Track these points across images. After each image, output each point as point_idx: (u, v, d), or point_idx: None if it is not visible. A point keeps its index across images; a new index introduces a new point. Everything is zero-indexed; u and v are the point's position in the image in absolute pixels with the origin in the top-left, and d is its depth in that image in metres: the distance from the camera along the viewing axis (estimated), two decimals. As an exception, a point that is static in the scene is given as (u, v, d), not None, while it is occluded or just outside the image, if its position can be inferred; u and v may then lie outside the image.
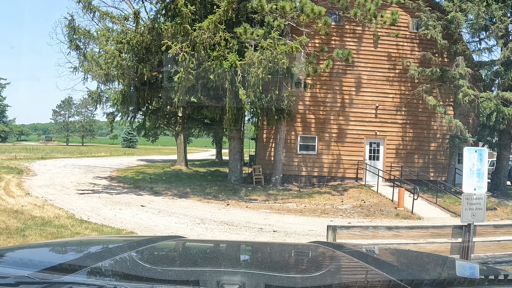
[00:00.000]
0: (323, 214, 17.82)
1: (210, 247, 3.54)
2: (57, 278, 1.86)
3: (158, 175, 31.95)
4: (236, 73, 18.90)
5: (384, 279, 2.17)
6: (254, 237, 13.04)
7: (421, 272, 2.60)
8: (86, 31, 20.84)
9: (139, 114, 25.80)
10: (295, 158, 27.18)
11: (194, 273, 2.28)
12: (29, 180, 25.41)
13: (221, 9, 18.78)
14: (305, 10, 20.16)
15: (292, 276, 2.26)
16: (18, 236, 11.47)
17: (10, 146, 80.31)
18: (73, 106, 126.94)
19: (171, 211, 17.09)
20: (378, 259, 2.98)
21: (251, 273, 2.25)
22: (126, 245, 2.87)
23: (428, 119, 27.23)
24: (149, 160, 55.27)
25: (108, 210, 16.60)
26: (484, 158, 6.26)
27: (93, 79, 23.65)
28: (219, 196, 21.59)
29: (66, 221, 14.01)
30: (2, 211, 15.10)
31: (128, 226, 13.76)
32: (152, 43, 20.00)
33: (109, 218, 14.96)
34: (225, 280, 2.02)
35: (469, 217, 6.28)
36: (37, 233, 11.95)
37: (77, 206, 17.07)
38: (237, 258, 2.98)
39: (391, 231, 6.82)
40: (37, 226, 12.93)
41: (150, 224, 14.39)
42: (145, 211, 16.90)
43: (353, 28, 26.78)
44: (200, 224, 14.61)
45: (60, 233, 12.11)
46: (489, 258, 7.20)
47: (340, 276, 2.45)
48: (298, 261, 3.03)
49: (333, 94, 27.25)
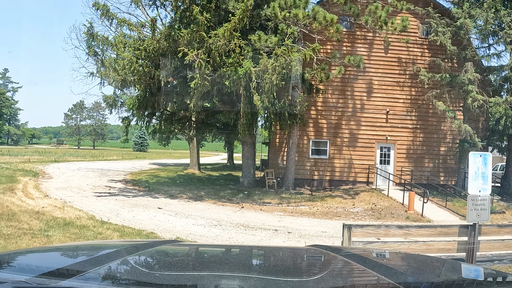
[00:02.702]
0: (335, 216, 18.20)
1: (208, 251, 3.48)
2: (54, 283, 1.87)
3: (172, 178, 32.37)
4: (250, 80, 19.31)
5: (383, 282, 2.20)
6: (270, 238, 13.42)
7: (419, 275, 2.65)
8: (105, 38, 21.37)
9: (154, 119, 26.23)
10: (307, 162, 27.59)
11: (192, 277, 2.31)
12: (46, 183, 25.84)
13: (236, 17, 19.22)
14: (317, 18, 20.55)
15: (290, 280, 2.26)
16: (42, 237, 11.80)
17: (23, 149, 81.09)
18: (84, 110, 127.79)
19: (188, 213, 17.50)
20: (377, 262, 2.99)
21: (250, 277, 2.27)
22: (124, 250, 2.91)
23: (438, 124, 27.51)
24: (161, 163, 55.64)
25: (126, 212, 17.01)
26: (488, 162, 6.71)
27: (109, 84, 24.18)
28: (233, 199, 22.00)
29: (88, 222, 14.41)
30: (24, 212, 15.45)
31: (147, 227, 14.15)
32: (168, 50, 20.39)
33: (128, 220, 15.33)
34: (224, 284, 2.09)
35: (474, 217, 6.72)
36: (60, 234, 12.30)
37: (96, 208, 17.47)
38: (235, 262, 2.94)
39: (401, 230, 7.32)
40: (59, 226, 13.30)
41: (169, 225, 14.77)
42: (162, 213, 17.29)
43: (364, 34, 27.10)
44: (217, 226, 14.99)
45: (83, 234, 12.49)
46: (494, 256, 7.64)
47: (338, 280, 2.45)
48: (296, 265, 3.00)
49: (344, 99, 27.65)
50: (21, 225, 13.13)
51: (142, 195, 22.73)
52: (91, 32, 21.22)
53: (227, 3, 20.80)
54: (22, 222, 13.60)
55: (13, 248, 10.61)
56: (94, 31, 21.44)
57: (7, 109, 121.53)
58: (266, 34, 20.93)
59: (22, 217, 14.51)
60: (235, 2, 20.58)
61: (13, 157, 51.91)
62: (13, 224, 13.23)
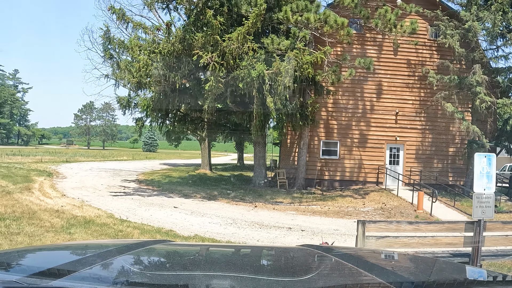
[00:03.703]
0: (346, 215, 18.60)
1: (199, 251, 3.43)
2: (45, 283, 1.86)
3: (184, 178, 32.83)
4: (264, 82, 19.71)
5: (374, 282, 2.19)
6: (284, 235, 13.82)
7: (411, 274, 2.70)
8: (121, 42, 21.84)
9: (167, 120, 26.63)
10: (317, 162, 27.94)
11: (183, 277, 2.31)
12: (61, 183, 26.34)
13: (249, 21, 19.64)
14: (328, 21, 20.90)
15: (281, 280, 2.27)
16: (65, 234, 12.28)
17: (33, 149, 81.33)
18: (94, 110, 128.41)
19: (203, 212, 17.94)
20: (368, 262, 2.99)
21: (241, 277, 2.27)
22: (116, 250, 2.89)
23: (446, 125, 27.75)
24: (171, 164, 56.04)
25: (143, 211, 17.42)
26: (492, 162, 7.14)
27: (123, 86, 24.64)
28: (246, 198, 22.48)
29: (107, 220, 14.83)
30: (44, 210, 15.88)
31: (165, 225, 14.58)
32: (183, 52, 20.81)
33: (146, 218, 15.74)
34: (215, 284, 2.08)
35: (479, 214, 7.16)
36: (82, 231, 12.77)
37: (113, 207, 17.90)
38: (226, 262, 2.92)
39: (412, 225, 7.81)
40: (80, 224, 13.73)
41: (185, 223, 15.19)
42: (178, 212, 17.73)
43: (374, 36, 27.48)
44: (232, 224, 15.44)
45: (104, 231, 12.89)
46: (499, 251, 8.11)
47: (329, 279, 2.45)
48: (288, 265, 2.99)
49: (354, 100, 28.04)
50: (42, 223, 13.52)
51: (156, 194, 23.16)
52: (107, 36, 21.71)
53: (240, 7, 21.20)
54: (44, 221, 13.98)
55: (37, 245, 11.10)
56: (111, 35, 21.92)
57: (17, 109, 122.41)
58: (277, 37, 21.34)
59: (42, 215, 14.89)
60: (248, 6, 20.99)
61: (24, 157, 52.46)
62: (35, 222, 13.62)
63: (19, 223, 13.34)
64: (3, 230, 12.23)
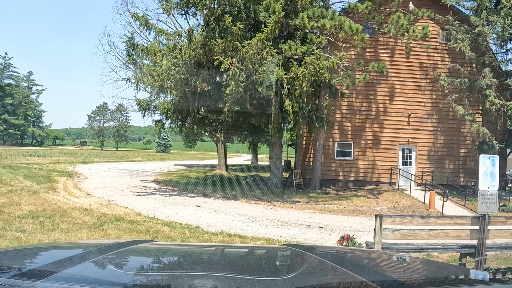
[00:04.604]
0: (361, 214, 19.37)
1: (182, 251, 3.43)
2: (27, 284, 1.84)
3: (202, 179, 33.73)
4: (282, 86, 20.54)
5: (356, 281, 2.17)
6: (304, 232, 14.60)
7: (394, 273, 2.71)
8: (144, 48, 22.67)
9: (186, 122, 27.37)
10: (332, 163, 28.65)
11: (166, 277, 2.32)
12: (83, 183, 27.22)
13: (268, 28, 20.47)
14: (343, 28, 21.59)
15: (264, 279, 2.25)
16: (98, 230, 13.10)
17: (48, 150, 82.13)
18: (107, 112, 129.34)
19: (225, 210, 18.72)
20: (350, 261, 3.02)
21: (223, 276, 2.26)
22: (98, 250, 2.87)
23: (458, 126, 28.30)
24: (186, 165, 56.69)
25: (168, 210, 18.18)
26: (495, 163, 7.96)
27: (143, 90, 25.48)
28: (264, 198, 23.27)
29: (136, 217, 15.67)
30: (73, 209, 16.65)
31: (191, 222, 15.37)
32: (203, 58, 21.64)
33: (172, 216, 16.48)
34: (197, 284, 2.07)
35: (484, 209, 7.99)
36: (114, 227, 13.57)
37: (139, 206, 18.65)
38: (209, 262, 2.91)
39: (423, 219, 8.78)
40: (111, 221, 14.53)
41: (210, 221, 15.94)
42: (202, 210, 18.54)
43: (386, 40, 28.10)
44: (254, 222, 16.23)
45: (135, 228, 13.71)
46: (503, 244, 8.97)
47: (311, 278, 2.41)
48: (270, 264, 2.99)
49: (368, 103, 28.71)
50: (75, 221, 14.32)
51: (177, 194, 23.99)
52: (131, 42, 22.55)
53: (258, 14, 21.91)
54: (75, 218, 14.78)
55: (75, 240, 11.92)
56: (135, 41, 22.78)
57: (31, 111, 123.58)
58: (294, 42, 22.03)
59: (73, 213, 15.67)
60: (265, 13, 21.71)
61: (41, 158, 53.46)
62: (67, 219, 14.44)
63: (52, 220, 14.13)
64: (38, 227, 13.01)
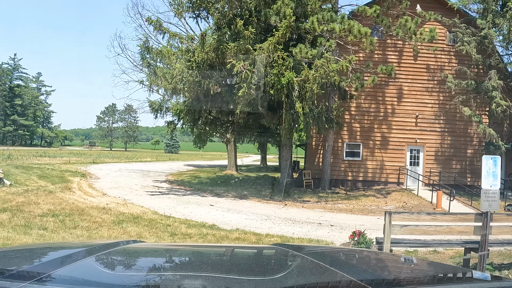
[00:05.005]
0: (370, 213, 19.86)
1: (171, 252, 3.43)
2: (16, 285, 1.83)
3: (213, 179, 34.31)
4: (293, 89, 21.01)
5: (345, 280, 2.16)
6: (316, 229, 15.09)
7: (382, 272, 2.74)
8: (159, 51, 23.19)
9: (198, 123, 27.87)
10: (341, 163, 29.11)
11: (155, 277, 2.32)
12: (96, 183, 27.75)
13: (279, 32, 20.96)
14: (352, 31, 22.05)
15: (253, 279, 2.24)
16: (118, 228, 13.63)
17: (57, 151, 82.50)
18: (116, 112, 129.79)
19: (238, 209, 19.23)
20: (339, 260, 3.02)
21: (212, 276, 2.26)
22: (86, 251, 2.85)
23: (464, 127, 28.64)
24: (195, 165, 57.21)
25: (182, 209, 18.67)
26: (497, 164, 8.48)
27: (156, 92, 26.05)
28: (275, 197, 23.73)
29: (153, 216, 16.20)
30: (91, 208, 17.15)
31: (207, 220, 15.86)
32: (216, 61, 22.13)
33: (187, 215, 16.98)
34: (186, 284, 2.06)
35: (487, 207, 8.49)
36: (133, 225, 14.12)
37: (154, 205, 19.16)
38: (198, 262, 2.92)
39: (430, 216, 9.37)
40: (129, 220, 15.05)
41: (224, 219, 16.41)
42: (215, 209, 19.04)
43: (394, 42, 28.53)
44: (267, 220, 16.74)
45: (153, 226, 14.27)
46: (505, 240, 9.51)
47: (300, 278, 2.43)
48: (260, 264, 2.98)
49: (376, 104, 29.16)
50: (94, 219, 14.82)
51: (190, 194, 24.52)
52: (146, 45, 23.10)
53: (269, 18, 22.37)
54: (94, 217, 15.28)
55: (96, 237, 12.47)
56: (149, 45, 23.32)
57: (40, 112, 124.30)
58: (304, 45, 22.44)
59: (91, 212, 16.17)
60: (276, 17, 22.20)
61: (52, 158, 54.08)
62: (86, 218, 14.96)
63: (72, 218, 14.66)
64: (59, 225, 13.58)
